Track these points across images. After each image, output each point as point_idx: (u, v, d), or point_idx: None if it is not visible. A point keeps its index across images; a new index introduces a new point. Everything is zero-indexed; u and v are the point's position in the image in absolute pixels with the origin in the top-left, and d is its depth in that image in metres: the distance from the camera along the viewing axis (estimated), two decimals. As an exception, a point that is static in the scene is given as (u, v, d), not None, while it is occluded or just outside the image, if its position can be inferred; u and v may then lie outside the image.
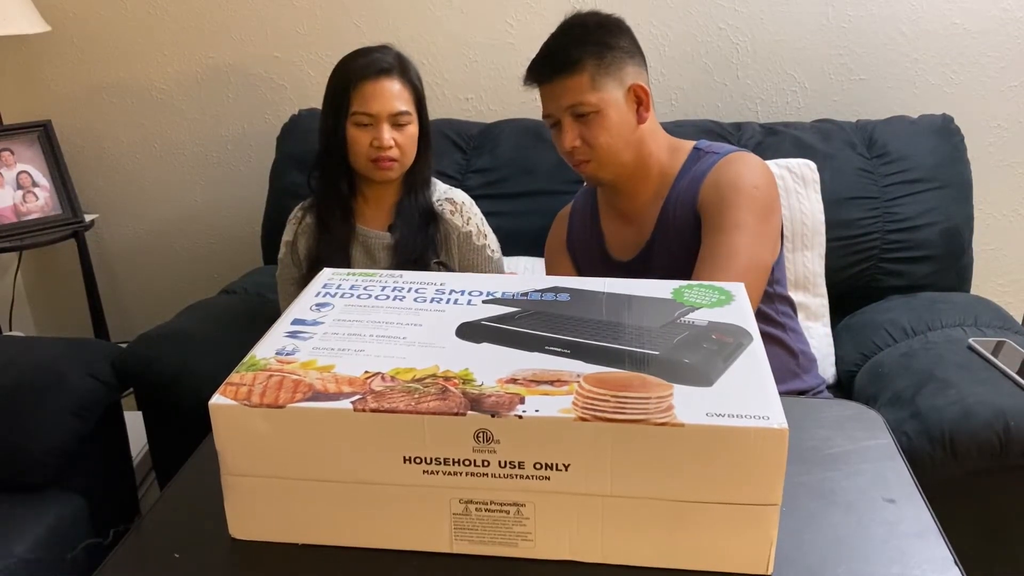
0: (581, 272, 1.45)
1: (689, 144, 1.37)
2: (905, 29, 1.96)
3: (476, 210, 1.55)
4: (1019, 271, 2.12)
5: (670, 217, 1.32)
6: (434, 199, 1.51)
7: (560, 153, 1.35)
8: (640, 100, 1.30)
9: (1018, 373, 1.36)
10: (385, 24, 2.08)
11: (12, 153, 2.09)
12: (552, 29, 1.32)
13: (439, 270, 1.35)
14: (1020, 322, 1.67)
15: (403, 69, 1.45)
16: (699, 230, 1.28)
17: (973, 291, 1.85)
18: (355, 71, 1.42)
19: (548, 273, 1.54)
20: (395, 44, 1.50)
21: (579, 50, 1.26)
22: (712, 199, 1.26)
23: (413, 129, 1.45)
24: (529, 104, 2.08)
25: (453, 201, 1.52)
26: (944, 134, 1.84)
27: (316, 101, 2.04)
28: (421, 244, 1.47)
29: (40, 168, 2.11)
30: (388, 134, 1.41)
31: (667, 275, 1.25)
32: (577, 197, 1.52)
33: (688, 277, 1.27)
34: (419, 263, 1.46)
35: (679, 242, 1.30)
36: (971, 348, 1.46)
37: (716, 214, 1.25)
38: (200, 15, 2.14)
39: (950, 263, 1.78)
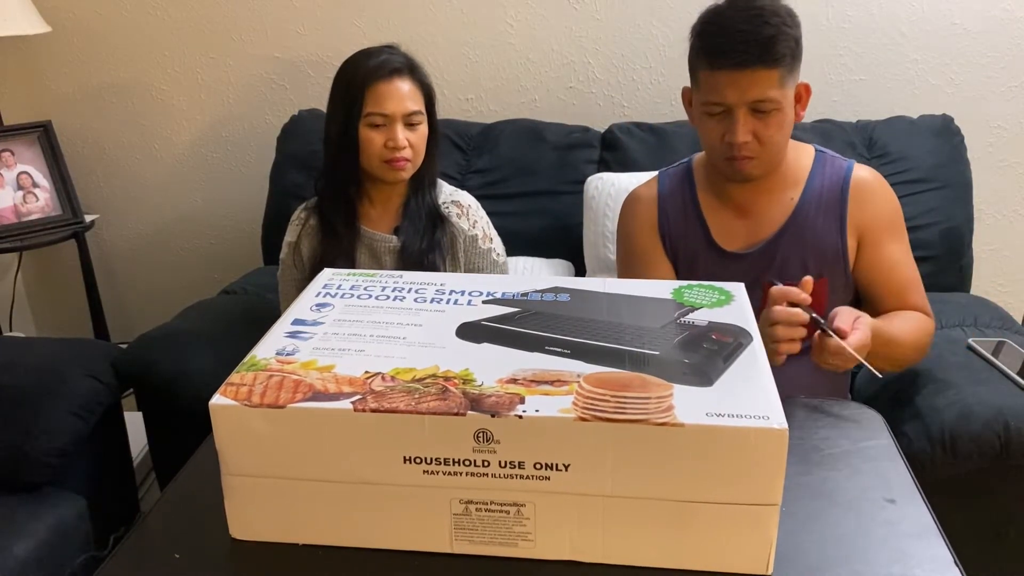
0: (676, 261, 1.38)
1: (808, 146, 1.37)
2: (905, 29, 1.96)
3: (482, 213, 1.55)
4: (1019, 271, 2.11)
5: (808, 217, 1.30)
6: (440, 201, 1.51)
7: (715, 141, 1.25)
8: (800, 98, 1.27)
9: (1018, 373, 1.36)
10: (385, 24, 2.08)
11: (12, 154, 2.09)
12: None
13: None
14: (1020, 322, 1.67)
15: (413, 69, 1.44)
16: (841, 234, 1.29)
17: (973, 291, 1.85)
18: (368, 72, 1.40)
19: (632, 259, 1.41)
20: (395, 44, 1.49)
21: (782, 44, 1.18)
22: (885, 214, 1.31)
23: (424, 129, 1.44)
24: (529, 104, 2.09)
25: (460, 204, 1.51)
26: (944, 134, 1.84)
27: (316, 101, 2.06)
28: (427, 247, 1.47)
29: (40, 169, 2.11)
30: (402, 134, 1.40)
31: (792, 270, 1.27)
32: (662, 181, 1.43)
33: (810, 273, 1.23)
34: (424, 266, 1.45)
35: (813, 241, 1.30)
36: (971, 348, 1.46)
37: (893, 237, 1.31)
38: (200, 15, 2.14)
39: (950, 263, 1.78)
